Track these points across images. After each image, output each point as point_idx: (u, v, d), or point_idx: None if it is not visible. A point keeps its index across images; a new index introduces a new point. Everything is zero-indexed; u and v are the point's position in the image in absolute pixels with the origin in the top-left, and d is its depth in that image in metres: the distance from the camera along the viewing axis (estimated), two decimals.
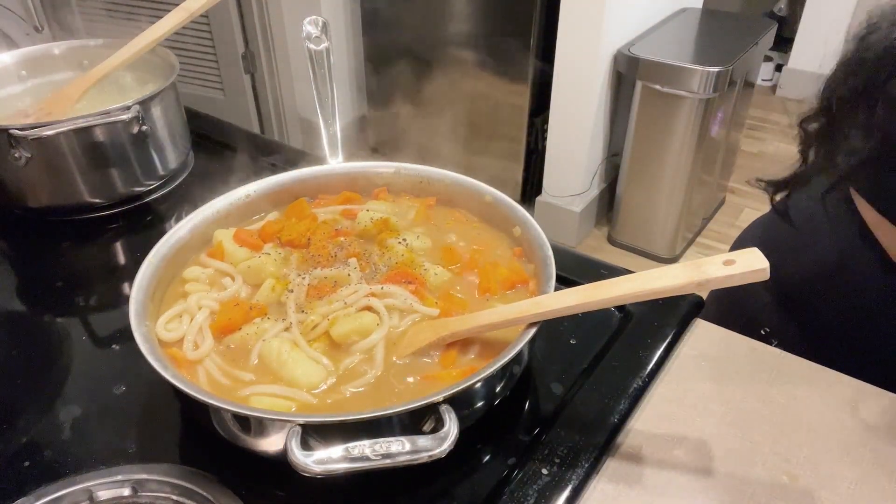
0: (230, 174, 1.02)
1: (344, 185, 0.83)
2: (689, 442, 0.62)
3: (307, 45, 0.90)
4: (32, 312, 0.81)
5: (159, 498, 0.54)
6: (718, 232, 2.78)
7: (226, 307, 0.66)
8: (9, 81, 1.05)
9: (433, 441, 0.48)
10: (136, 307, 0.61)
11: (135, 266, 0.65)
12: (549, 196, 2.57)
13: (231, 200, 0.78)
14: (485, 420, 0.60)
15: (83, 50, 1.08)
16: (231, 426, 0.55)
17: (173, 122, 1.00)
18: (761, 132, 3.47)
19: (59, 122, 0.85)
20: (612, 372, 0.67)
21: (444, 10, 2.51)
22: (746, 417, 0.64)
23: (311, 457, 0.47)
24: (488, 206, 0.77)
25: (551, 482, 0.56)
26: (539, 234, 0.70)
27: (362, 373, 0.61)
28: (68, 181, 0.91)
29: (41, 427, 0.63)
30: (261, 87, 2.94)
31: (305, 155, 1.07)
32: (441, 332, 0.61)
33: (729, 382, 0.68)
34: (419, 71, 2.69)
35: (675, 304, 0.75)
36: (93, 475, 0.56)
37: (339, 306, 0.65)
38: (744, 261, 0.50)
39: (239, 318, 0.64)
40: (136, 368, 0.67)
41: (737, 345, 0.72)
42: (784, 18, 3.80)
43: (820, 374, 0.68)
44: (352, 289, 0.67)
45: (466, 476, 0.58)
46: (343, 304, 0.65)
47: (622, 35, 2.30)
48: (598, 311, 0.75)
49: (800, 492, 0.58)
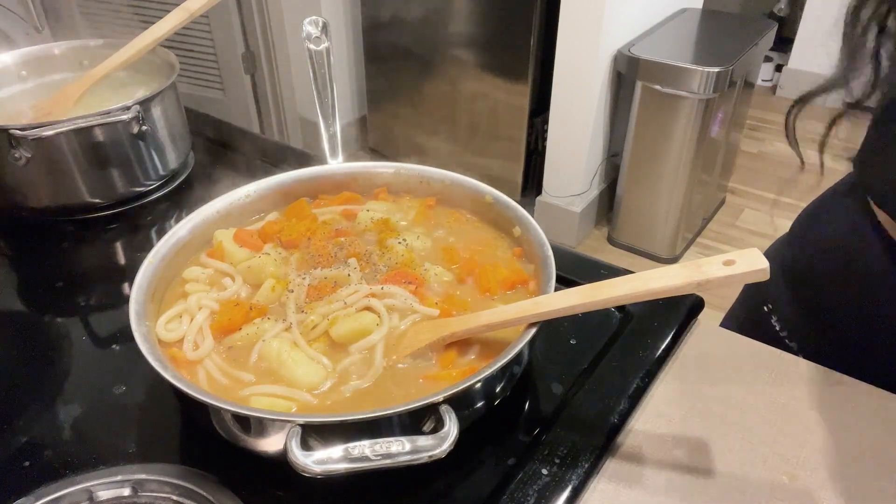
0: (230, 174, 1.02)
1: (344, 185, 0.83)
2: (689, 442, 0.62)
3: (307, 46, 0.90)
4: (32, 312, 0.81)
5: (159, 498, 0.54)
6: (718, 232, 2.78)
7: (226, 307, 0.66)
8: (9, 81, 1.05)
9: (433, 441, 0.48)
10: (136, 307, 0.61)
11: (135, 266, 0.65)
12: (549, 196, 2.57)
13: (231, 200, 0.78)
14: (485, 420, 0.60)
15: (83, 50, 1.08)
16: (231, 426, 0.55)
17: (173, 122, 1.00)
18: (761, 132, 3.47)
19: (59, 122, 0.85)
20: (612, 372, 0.67)
21: (444, 11, 2.51)
22: (746, 417, 0.64)
23: (311, 457, 0.47)
24: (488, 206, 0.77)
25: (551, 482, 0.56)
26: (539, 234, 0.70)
27: (362, 373, 0.61)
28: (68, 181, 0.91)
29: (41, 427, 0.63)
30: (261, 87, 2.94)
31: (305, 155, 1.07)
32: (441, 333, 0.61)
33: (729, 382, 0.68)
34: (419, 71, 2.69)
35: (675, 304, 0.75)
36: (93, 475, 0.56)
37: (339, 306, 0.65)
38: (744, 261, 0.50)
39: (239, 319, 0.64)
40: (136, 368, 0.68)
41: (737, 345, 0.72)
42: (784, 18, 3.80)
43: (820, 374, 0.68)
44: (352, 289, 0.67)
45: (466, 476, 0.58)
46: (343, 304, 0.65)
47: (622, 35, 2.30)
48: (598, 311, 0.75)
49: (800, 492, 0.58)
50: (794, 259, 0.86)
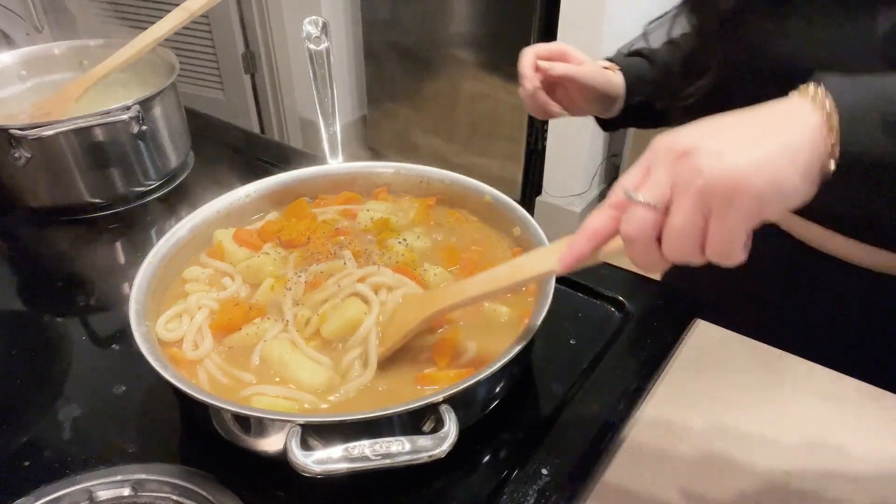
0: (230, 174, 1.02)
1: (344, 185, 0.83)
2: (689, 442, 0.62)
3: (307, 46, 0.90)
4: (32, 312, 0.81)
5: (159, 498, 0.54)
6: None
7: (225, 307, 0.66)
8: (9, 81, 1.05)
9: (433, 441, 0.48)
10: (136, 307, 0.61)
11: (135, 266, 0.66)
12: (549, 196, 2.57)
13: (231, 200, 0.78)
14: (485, 420, 0.60)
15: (83, 50, 1.08)
16: (231, 426, 0.55)
17: (173, 122, 1.00)
18: None
19: (58, 122, 0.85)
20: (612, 372, 0.67)
21: (444, 10, 2.51)
22: (746, 417, 0.64)
23: (310, 457, 0.47)
24: (488, 206, 0.77)
25: (551, 482, 0.56)
26: (539, 234, 0.70)
27: (362, 372, 0.61)
28: (68, 181, 0.91)
29: (41, 427, 0.63)
30: (261, 87, 2.94)
31: (305, 155, 1.07)
32: (428, 309, 0.60)
33: (729, 382, 0.68)
34: (419, 71, 2.69)
35: (674, 303, 0.75)
36: (93, 475, 0.56)
37: (334, 290, 0.65)
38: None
39: (239, 319, 0.64)
40: (136, 368, 0.67)
41: (736, 345, 0.72)
42: None
43: (820, 374, 0.68)
44: (344, 273, 0.67)
45: (466, 476, 0.58)
46: (337, 286, 0.65)
47: (622, 35, 2.30)
48: (598, 311, 0.75)
49: (800, 492, 0.58)
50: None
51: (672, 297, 0.76)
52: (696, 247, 0.41)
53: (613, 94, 0.86)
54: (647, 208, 0.42)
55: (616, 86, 0.87)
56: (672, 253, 0.42)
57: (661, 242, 0.43)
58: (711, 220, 0.40)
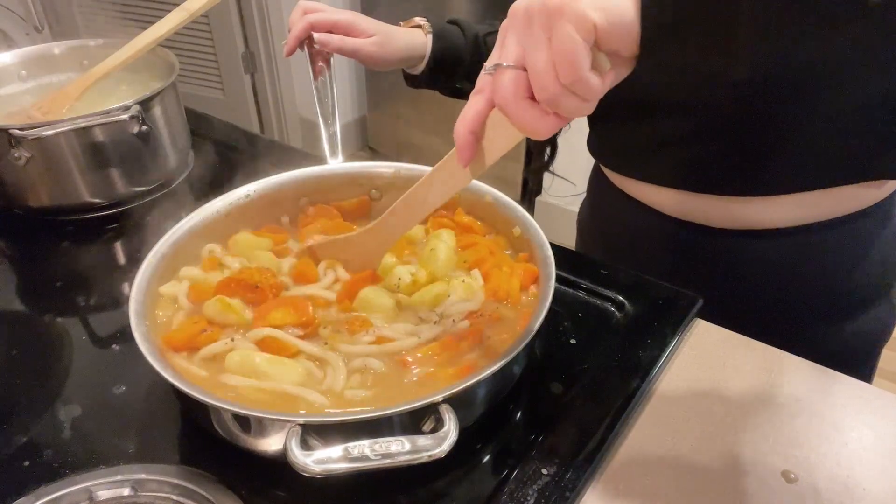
0: (230, 174, 1.02)
1: (344, 185, 0.83)
2: (689, 442, 0.62)
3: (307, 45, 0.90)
4: (32, 312, 0.81)
5: (159, 498, 0.54)
6: None
7: (183, 326, 0.64)
8: (9, 81, 1.05)
9: (433, 441, 0.48)
10: (136, 307, 0.61)
11: (135, 266, 0.66)
12: (549, 196, 2.56)
13: (231, 200, 0.77)
14: (485, 420, 0.60)
15: (83, 50, 1.08)
16: (231, 426, 0.55)
17: (173, 122, 1.00)
18: None
19: (59, 122, 0.85)
20: (612, 372, 0.67)
21: (443, 10, 2.50)
22: (746, 417, 0.64)
23: (310, 457, 0.47)
24: (488, 206, 0.77)
25: (551, 482, 0.56)
26: (539, 234, 0.70)
27: (362, 372, 0.61)
28: (68, 181, 0.91)
29: (41, 427, 0.63)
30: (261, 87, 2.94)
31: (305, 155, 1.07)
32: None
33: (728, 382, 0.68)
34: None
35: (674, 303, 0.75)
36: (93, 475, 0.56)
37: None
38: None
39: (197, 337, 0.62)
40: (136, 368, 0.68)
41: (736, 344, 0.72)
42: None
43: (820, 374, 0.68)
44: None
45: (466, 476, 0.58)
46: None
47: None
48: (597, 311, 0.76)
49: (799, 492, 0.58)
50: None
51: (672, 297, 0.76)
52: (554, 77, 0.42)
53: (413, 56, 0.94)
54: (507, 70, 0.45)
55: (416, 48, 0.93)
56: (542, 94, 0.43)
57: (534, 93, 0.44)
58: (552, 39, 0.42)
